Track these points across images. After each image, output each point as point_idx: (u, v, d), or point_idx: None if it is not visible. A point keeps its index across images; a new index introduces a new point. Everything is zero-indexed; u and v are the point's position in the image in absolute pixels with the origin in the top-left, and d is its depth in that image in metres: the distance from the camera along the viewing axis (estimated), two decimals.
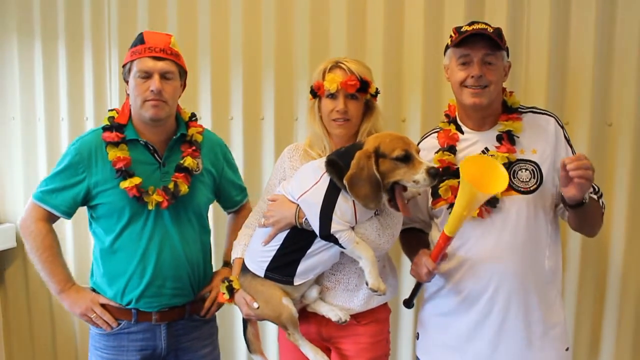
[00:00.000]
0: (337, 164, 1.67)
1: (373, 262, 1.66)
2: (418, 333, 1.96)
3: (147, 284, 1.88)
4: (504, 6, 2.36)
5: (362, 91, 1.79)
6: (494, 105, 1.79)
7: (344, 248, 1.67)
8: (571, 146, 1.79)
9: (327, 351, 1.86)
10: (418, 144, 1.96)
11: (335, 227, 1.65)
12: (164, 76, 1.81)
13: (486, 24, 1.75)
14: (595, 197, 1.75)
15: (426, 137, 1.96)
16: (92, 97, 2.93)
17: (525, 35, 2.38)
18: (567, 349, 1.80)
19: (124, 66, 1.87)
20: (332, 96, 1.79)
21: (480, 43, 1.71)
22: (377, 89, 1.86)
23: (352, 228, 1.68)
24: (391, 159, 1.63)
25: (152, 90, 1.79)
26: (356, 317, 1.81)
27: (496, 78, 1.73)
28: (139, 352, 1.92)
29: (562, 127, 1.80)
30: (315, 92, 1.84)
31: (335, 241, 1.66)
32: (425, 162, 1.63)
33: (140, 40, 1.84)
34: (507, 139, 1.75)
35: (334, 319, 1.77)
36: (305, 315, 1.85)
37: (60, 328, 3.17)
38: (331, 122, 1.82)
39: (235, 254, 1.94)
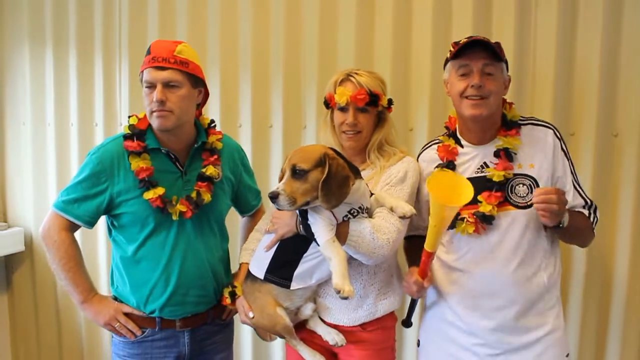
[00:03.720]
0: None
1: (341, 262, 1.63)
2: (419, 340, 1.99)
3: (171, 293, 1.88)
4: (512, 19, 2.39)
5: (371, 105, 1.82)
6: (494, 118, 1.80)
7: (318, 244, 1.67)
8: (569, 159, 1.80)
9: (333, 357, 1.89)
10: (419, 154, 2.00)
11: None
12: (167, 85, 1.78)
13: (485, 38, 1.76)
14: (585, 212, 1.77)
15: (426, 148, 1.98)
16: (102, 104, 2.95)
17: (532, 48, 2.40)
18: (567, 355, 1.81)
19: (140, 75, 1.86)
20: (343, 109, 1.83)
21: (480, 53, 1.72)
22: (390, 100, 1.88)
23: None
24: None
25: (155, 101, 1.77)
26: (362, 324, 1.84)
27: (496, 89, 1.74)
28: (162, 359, 1.93)
29: (561, 139, 1.80)
30: (328, 104, 1.88)
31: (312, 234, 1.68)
32: (280, 184, 1.65)
33: (148, 50, 1.83)
34: (505, 155, 1.76)
35: (330, 342, 1.81)
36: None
37: (67, 332, 3.18)
38: (342, 134, 1.86)
39: (242, 259, 1.97)
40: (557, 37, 2.36)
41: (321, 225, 1.66)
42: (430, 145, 1.96)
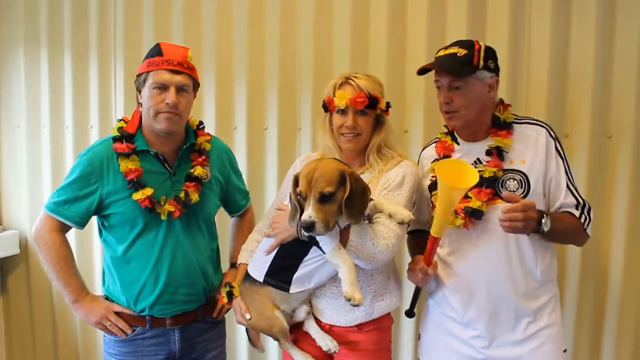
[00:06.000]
0: None
1: (350, 270, 1.64)
2: (420, 334, 2.01)
3: (161, 291, 1.91)
4: (505, 21, 2.40)
5: (370, 107, 1.83)
6: (479, 122, 1.82)
7: (324, 252, 1.67)
8: (563, 158, 1.80)
9: (329, 358, 1.89)
10: (421, 152, 2.03)
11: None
12: (179, 89, 1.83)
13: (459, 45, 1.77)
14: (575, 212, 1.78)
15: (427, 146, 2.02)
16: (97, 106, 2.95)
17: (526, 49, 2.41)
18: (564, 351, 1.82)
19: (138, 75, 1.88)
20: (342, 112, 1.84)
21: (444, 71, 1.76)
22: (387, 103, 1.89)
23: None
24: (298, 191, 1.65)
25: (167, 103, 1.81)
26: (358, 325, 1.84)
27: (465, 102, 1.76)
28: (153, 357, 1.95)
29: (555, 139, 1.81)
30: (327, 107, 1.89)
31: (317, 243, 1.68)
32: (309, 212, 1.59)
33: (157, 51, 1.84)
34: (496, 154, 1.78)
35: (324, 348, 1.81)
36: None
37: (62, 334, 3.18)
38: (341, 137, 1.86)
39: (241, 259, 1.98)
40: (550, 39, 2.37)
41: (326, 233, 1.66)
42: (431, 144, 2.00)
